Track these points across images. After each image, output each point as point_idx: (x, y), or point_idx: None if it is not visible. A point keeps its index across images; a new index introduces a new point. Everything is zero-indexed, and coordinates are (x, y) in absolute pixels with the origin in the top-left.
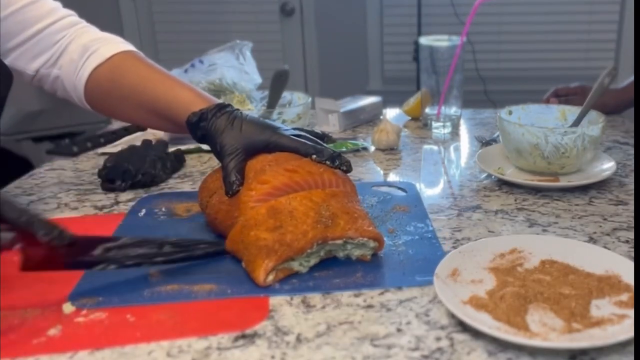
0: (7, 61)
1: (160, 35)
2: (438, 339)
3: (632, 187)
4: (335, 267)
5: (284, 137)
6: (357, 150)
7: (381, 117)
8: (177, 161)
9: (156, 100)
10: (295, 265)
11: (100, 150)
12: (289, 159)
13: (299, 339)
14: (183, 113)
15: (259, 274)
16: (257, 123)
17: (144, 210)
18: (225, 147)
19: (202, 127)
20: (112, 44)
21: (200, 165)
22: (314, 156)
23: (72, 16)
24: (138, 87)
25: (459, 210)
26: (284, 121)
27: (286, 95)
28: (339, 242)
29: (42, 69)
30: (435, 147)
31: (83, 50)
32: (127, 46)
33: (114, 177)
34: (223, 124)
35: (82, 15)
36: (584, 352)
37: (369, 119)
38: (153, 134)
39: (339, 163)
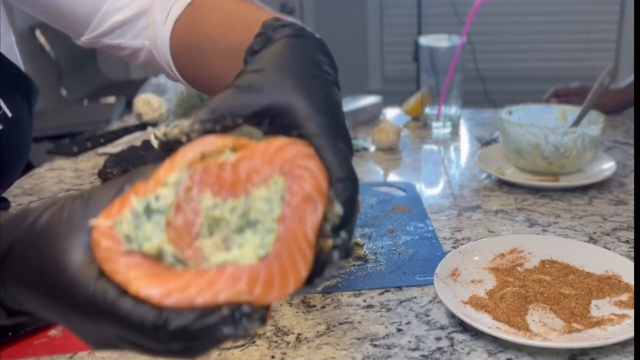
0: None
1: None
2: (438, 339)
3: (632, 187)
4: None
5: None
6: (357, 151)
7: (381, 117)
8: None
9: (244, 41)
10: None
11: (100, 150)
12: None
13: (299, 339)
14: None
15: None
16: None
17: None
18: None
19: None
20: None
21: None
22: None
23: None
24: (221, 28)
25: (459, 210)
26: None
27: None
28: None
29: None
30: (435, 147)
31: (164, 5)
32: None
33: (114, 177)
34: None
35: None
36: (584, 352)
37: (369, 119)
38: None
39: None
